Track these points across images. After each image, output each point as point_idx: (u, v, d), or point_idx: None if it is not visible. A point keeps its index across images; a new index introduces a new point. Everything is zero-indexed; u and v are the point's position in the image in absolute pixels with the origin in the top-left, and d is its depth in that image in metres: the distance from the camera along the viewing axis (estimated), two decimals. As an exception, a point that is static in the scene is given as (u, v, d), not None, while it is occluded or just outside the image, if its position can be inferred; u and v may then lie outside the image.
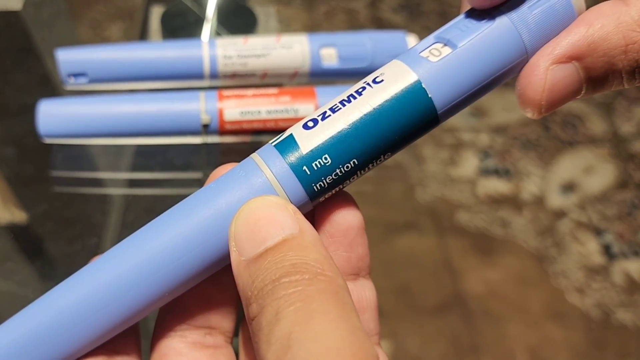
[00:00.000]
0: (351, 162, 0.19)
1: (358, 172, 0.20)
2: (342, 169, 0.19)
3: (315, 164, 0.19)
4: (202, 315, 0.21)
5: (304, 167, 0.19)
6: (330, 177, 0.19)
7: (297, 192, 0.19)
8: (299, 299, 0.16)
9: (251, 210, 0.18)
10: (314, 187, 0.19)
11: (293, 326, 0.15)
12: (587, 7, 0.20)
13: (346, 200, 0.22)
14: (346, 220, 0.21)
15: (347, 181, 0.20)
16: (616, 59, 0.19)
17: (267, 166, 0.19)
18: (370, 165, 0.20)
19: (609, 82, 0.20)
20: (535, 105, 0.20)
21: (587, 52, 0.19)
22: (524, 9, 0.20)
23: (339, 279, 0.17)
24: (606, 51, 0.19)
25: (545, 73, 0.20)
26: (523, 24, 0.20)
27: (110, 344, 0.20)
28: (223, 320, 0.21)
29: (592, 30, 0.19)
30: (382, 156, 0.20)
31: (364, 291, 0.22)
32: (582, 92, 0.20)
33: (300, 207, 0.19)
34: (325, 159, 0.19)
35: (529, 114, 0.21)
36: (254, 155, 0.20)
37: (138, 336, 0.21)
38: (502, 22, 0.20)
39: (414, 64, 0.20)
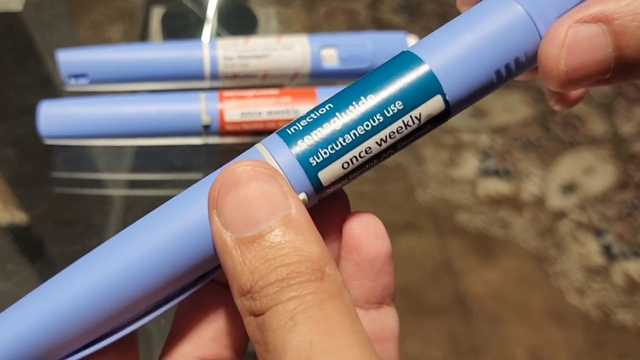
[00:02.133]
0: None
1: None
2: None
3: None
4: (215, 351, 0.20)
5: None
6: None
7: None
8: (314, 304, 0.15)
9: (239, 180, 0.17)
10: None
11: (312, 335, 0.15)
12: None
13: (374, 226, 0.21)
14: (374, 248, 0.20)
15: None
16: None
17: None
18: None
19: None
20: (553, 67, 0.18)
21: (616, 15, 0.17)
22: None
23: (338, 275, 0.17)
24: (637, 15, 0.17)
25: (566, 30, 0.18)
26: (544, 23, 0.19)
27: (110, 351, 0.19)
28: (235, 355, 0.20)
29: None
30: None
31: (387, 320, 0.21)
32: (611, 67, 0.18)
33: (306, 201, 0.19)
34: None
35: (550, 85, 0.19)
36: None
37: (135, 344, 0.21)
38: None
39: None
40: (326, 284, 0.16)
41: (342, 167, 0.18)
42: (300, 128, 0.19)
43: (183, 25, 0.47)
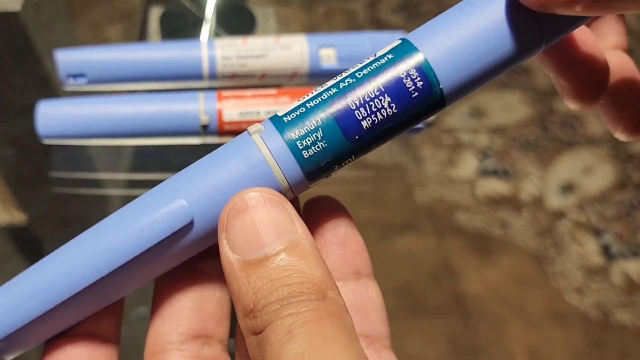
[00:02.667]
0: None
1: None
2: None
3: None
4: (197, 324, 0.20)
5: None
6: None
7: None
8: (311, 320, 0.16)
9: (247, 206, 0.17)
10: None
11: (307, 347, 0.15)
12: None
13: (331, 200, 0.22)
14: (333, 218, 0.21)
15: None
16: None
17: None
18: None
19: None
20: None
21: None
22: None
23: (340, 299, 0.17)
24: None
25: None
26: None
27: (88, 326, 0.20)
28: (219, 327, 0.21)
29: None
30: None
31: (368, 291, 0.21)
32: None
33: (297, 186, 0.19)
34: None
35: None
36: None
37: (119, 321, 0.21)
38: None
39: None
40: (326, 304, 0.16)
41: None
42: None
43: (181, 25, 0.47)
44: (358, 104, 0.19)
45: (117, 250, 0.18)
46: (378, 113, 0.19)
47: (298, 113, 0.19)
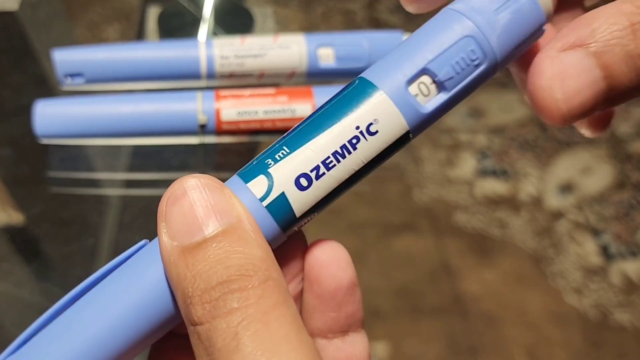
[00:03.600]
0: (333, 201, 0.19)
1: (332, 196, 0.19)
2: (322, 210, 0.19)
3: (304, 222, 0.19)
4: None
5: (295, 226, 0.19)
6: (310, 217, 0.19)
7: (271, 227, 0.18)
8: (256, 318, 0.15)
9: (184, 191, 0.17)
10: (294, 228, 0.19)
11: (257, 355, 0.15)
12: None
13: (336, 254, 0.20)
14: (334, 280, 0.20)
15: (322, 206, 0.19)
16: (626, 40, 0.17)
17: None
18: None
19: (631, 73, 0.18)
20: (550, 100, 0.18)
21: (592, 37, 0.18)
22: (500, 33, 0.19)
23: (282, 279, 0.17)
24: (613, 34, 0.18)
25: (552, 61, 0.18)
26: (497, 42, 0.19)
27: None
28: None
29: (593, 21, 0.18)
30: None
31: (354, 347, 0.21)
32: (602, 88, 0.18)
33: (273, 242, 0.19)
34: (313, 215, 0.19)
35: (550, 119, 0.19)
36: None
37: None
38: (488, 55, 0.19)
39: (407, 111, 0.19)
40: (269, 290, 0.16)
41: (315, 214, 0.19)
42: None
43: (179, 25, 0.47)
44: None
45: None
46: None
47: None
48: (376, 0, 1.03)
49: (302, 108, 0.37)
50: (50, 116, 0.37)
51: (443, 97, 0.19)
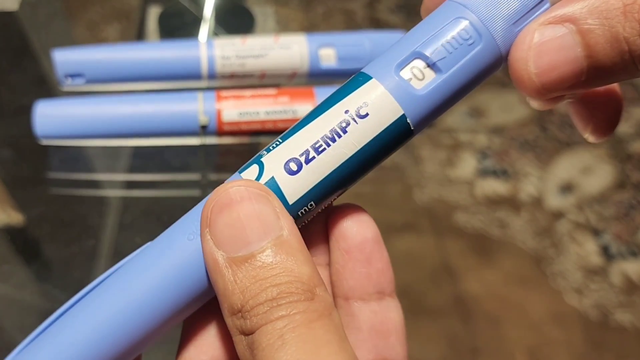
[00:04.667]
0: (333, 197, 0.19)
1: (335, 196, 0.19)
2: (323, 205, 0.19)
3: (301, 212, 0.19)
4: (221, 352, 0.20)
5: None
6: (312, 214, 0.19)
7: None
8: (302, 323, 0.16)
9: (232, 200, 0.17)
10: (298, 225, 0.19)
11: (300, 354, 0.15)
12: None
13: (357, 212, 0.21)
14: (359, 233, 0.20)
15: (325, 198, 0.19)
16: (615, 21, 0.17)
17: None
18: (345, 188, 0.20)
19: (615, 56, 0.17)
20: (523, 72, 0.18)
21: (581, 14, 0.17)
22: (502, 15, 0.19)
23: (327, 296, 0.17)
24: (602, 12, 0.17)
25: (532, 33, 0.18)
26: (502, 33, 0.19)
27: None
28: None
29: None
30: (359, 178, 0.19)
31: (389, 312, 0.21)
32: (583, 67, 0.17)
33: None
34: (311, 205, 0.19)
35: (525, 91, 0.19)
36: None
37: None
38: (484, 36, 0.18)
39: (398, 93, 0.18)
40: (316, 304, 0.16)
41: (316, 209, 0.19)
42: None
43: (180, 25, 0.47)
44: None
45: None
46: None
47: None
48: (376, 0, 1.02)
49: (304, 109, 0.37)
50: (50, 117, 0.37)
51: (438, 78, 0.19)
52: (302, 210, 0.19)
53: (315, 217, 0.20)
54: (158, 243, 0.19)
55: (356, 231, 0.20)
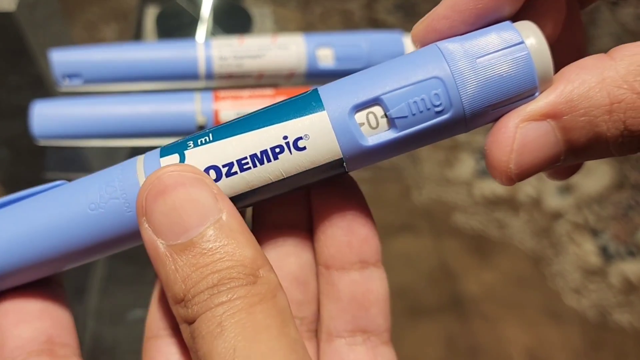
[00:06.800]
0: (245, 207, 0.19)
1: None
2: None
3: None
4: None
5: None
6: None
7: None
8: (242, 308, 0.15)
9: (166, 186, 0.16)
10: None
11: (237, 342, 0.15)
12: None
13: (343, 180, 0.20)
14: (342, 198, 0.20)
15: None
16: (599, 120, 0.16)
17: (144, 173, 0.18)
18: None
19: (593, 148, 0.17)
20: (503, 170, 0.17)
21: (565, 110, 0.16)
22: (478, 80, 0.17)
23: (272, 276, 0.16)
24: (587, 110, 0.16)
25: (514, 131, 0.17)
26: (474, 100, 0.17)
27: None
28: None
29: (571, 86, 0.16)
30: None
31: (371, 283, 0.20)
32: (562, 159, 0.17)
33: None
34: None
35: (498, 181, 0.18)
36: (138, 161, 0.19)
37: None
38: (455, 106, 0.17)
39: (344, 138, 0.17)
40: (258, 287, 0.16)
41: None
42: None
43: (177, 25, 0.46)
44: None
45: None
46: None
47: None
48: (374, 1, 1.02)
49: (301, 109, 0.37)
50: (47, 117, 0.37)
51: (390, 135, 0.17)
52: None
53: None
54: (65, 195, 0.19)
55: (339, 195, 0.20)
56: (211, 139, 0.18)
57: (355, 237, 0.20)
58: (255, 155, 0.17)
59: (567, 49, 0.21)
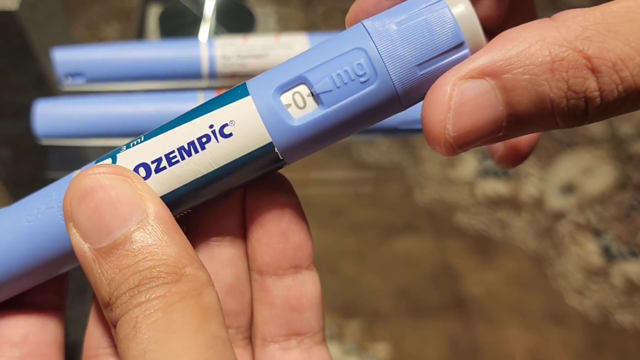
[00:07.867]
0: (184, 210, 0.18)
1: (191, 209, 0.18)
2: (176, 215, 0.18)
3: None
4: None
5: None
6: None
7: None
8: (160, 308, 0.15)
9: (88, 189, 0.16)
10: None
11: (148, 344, 0.15)
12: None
13: (278, 183, 0.20)
14: (276, 206, 0.19)
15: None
16: (541, 79, 0.15)
17: None
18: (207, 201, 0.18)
19: (537, 115, 0.16)
20: (440, 132, 0.16)
21: (505, 67, 0.15)
22: (404, 52, 0.16)
23: (201, 274, 0.16)
24: (528, 67, 0.15)
25: (452, 88, 0.16)
26: (403, 73, 0.16)
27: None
28: None
29: (511, 44, 0.15)
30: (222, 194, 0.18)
31: (304, 287, 0.20)
32: (504, 125, 0.16)
33: None
34: None
35: (438, 150, 0.17)
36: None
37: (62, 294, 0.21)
38: (380, 75, 0.16)
39: (270, 119, 0.17)
40: (180, 285, 0.16)
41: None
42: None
43: (180, 24, 0.46)
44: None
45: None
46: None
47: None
48: (377, 0, 1.02)
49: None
50: (50, 116, 0.37)
51: (318, 112, 0.17)
52: None
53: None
54: (6, 213, 0.19)
55: (274, 202, 0.19)
56: (142, 140, 0.18)
57: (290, 245, 0.20)
58: (182, 147, 0.17)
59: None
